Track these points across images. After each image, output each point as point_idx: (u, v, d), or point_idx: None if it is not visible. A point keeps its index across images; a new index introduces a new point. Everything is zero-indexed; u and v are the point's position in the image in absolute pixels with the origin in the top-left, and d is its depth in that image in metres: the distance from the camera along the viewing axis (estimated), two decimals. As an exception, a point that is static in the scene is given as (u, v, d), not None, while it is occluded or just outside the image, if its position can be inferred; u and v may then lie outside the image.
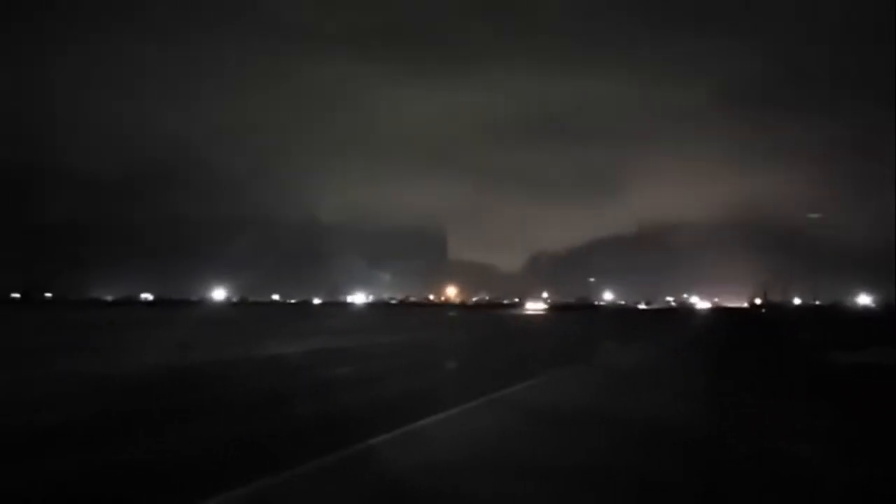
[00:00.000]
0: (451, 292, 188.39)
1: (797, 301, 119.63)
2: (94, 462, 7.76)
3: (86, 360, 19.03)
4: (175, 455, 8.17)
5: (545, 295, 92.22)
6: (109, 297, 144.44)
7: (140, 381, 14.84)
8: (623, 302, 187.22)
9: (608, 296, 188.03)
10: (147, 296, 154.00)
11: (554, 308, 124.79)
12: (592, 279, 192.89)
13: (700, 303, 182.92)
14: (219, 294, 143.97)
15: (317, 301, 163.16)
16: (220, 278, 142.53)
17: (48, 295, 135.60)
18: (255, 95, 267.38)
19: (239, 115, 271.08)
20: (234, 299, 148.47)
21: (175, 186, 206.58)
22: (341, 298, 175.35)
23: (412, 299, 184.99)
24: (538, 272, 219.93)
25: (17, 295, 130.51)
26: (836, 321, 50.31)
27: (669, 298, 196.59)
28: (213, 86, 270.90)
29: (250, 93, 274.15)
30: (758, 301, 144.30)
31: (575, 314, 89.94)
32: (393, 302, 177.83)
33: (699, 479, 7.37)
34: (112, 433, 9.36)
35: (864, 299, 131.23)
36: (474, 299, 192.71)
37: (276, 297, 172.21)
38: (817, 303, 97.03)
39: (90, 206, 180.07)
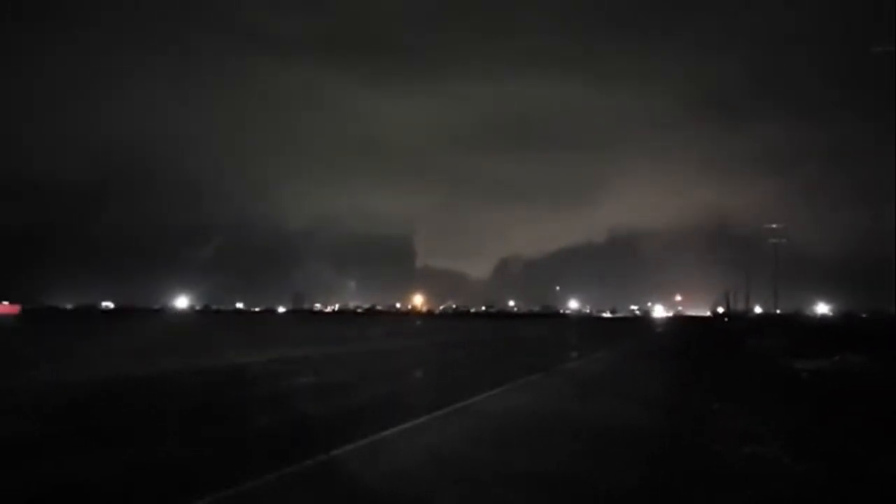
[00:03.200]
0: (418, 300, 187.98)
1: (758, 309, 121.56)
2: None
3: (45, 370, 18.33)
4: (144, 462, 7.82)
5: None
6: (69, 305, 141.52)
7: (98, 391, 14.31)
8: (588, 310, 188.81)
9: (573, 304, 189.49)
10: (108, 304, 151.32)
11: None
12: (558, 287, 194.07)
13: (663, 311, 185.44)
14: (181, 302, 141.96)
15: (281, 309, 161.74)
16: (183, 286, 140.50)
17: (5, 303, 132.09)
18: (222, 101, 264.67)
19: (205, 120, 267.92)
20: (198, 307, 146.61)
21: (137, 193, 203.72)
22: (306, 307, 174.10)
23: (378, 307, 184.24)
24: (507, 279, 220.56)
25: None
26: (797, 329, 51.07)
27: (634, 307, 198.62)
28: (178, 92, 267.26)
29: (217, 98, 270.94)
30: (720, 309, 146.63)
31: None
32: (359, 311, 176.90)
33: (659, 482, 7.30)
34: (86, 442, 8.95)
35: (823, 308, 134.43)
36: (441, 307, 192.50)
37: (240, 305, 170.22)
38: (778, 311, 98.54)
39: (50, 212, 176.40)
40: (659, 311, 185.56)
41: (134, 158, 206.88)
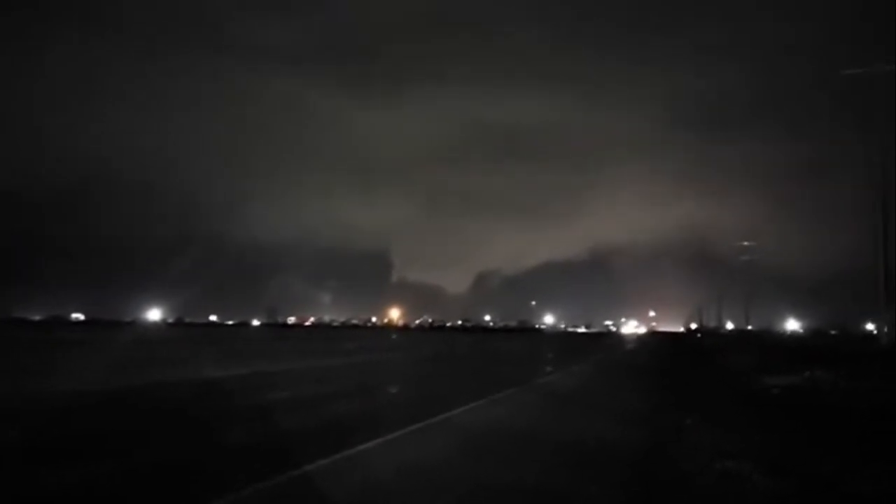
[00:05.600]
0: (395, 314, 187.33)
1: (730, 325, 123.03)
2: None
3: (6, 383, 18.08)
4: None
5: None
6: (37, 317, 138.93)
7: (66, 405, 14.18)
8: (563, 325, 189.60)
9: (549, 319, 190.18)
10: (78, 315, 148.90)
11: None
12: (534, 302, 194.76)
13: (635, 327, 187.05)
14: (154, 314, 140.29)
15: (256, 322, 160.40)
16: (155, 298, 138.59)
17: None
18: (199, 113, 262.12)
19: (181, 132, 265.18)
20: (170, 320, 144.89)
21: (110, 204, 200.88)
22: (281, 320, 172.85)
23: (354, 321, 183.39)
24: (485, 294, 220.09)
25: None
26: (768, 345, 51.82)
27: (608, 322, 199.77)
28: (154, 104, 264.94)
29: (190, 110, 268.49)
30: (693, 325, 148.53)
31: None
32: (335, 324, 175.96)
33: (635, 495, 7.43)
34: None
35: (793, 324, 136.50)
36: (418, 321, 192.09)
37: (213, 318, 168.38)
38: (749, 327, 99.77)
39: (20, 222, 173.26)
40: (630, 327, 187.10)
41: (109, 170, 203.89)
